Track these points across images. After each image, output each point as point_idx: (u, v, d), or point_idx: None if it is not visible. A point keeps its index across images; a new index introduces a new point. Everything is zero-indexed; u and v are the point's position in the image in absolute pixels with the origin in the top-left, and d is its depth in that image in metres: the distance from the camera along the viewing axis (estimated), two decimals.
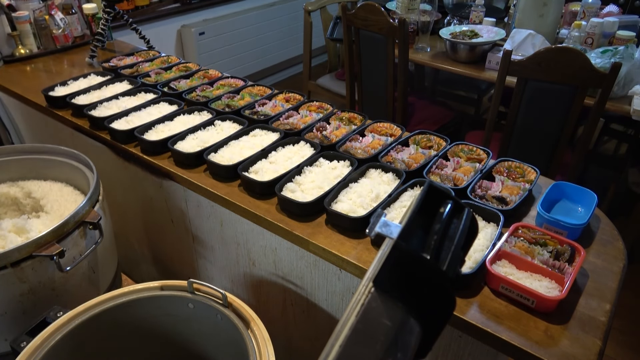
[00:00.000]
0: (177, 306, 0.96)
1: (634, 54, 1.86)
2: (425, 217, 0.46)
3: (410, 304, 0.41)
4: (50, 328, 0.86)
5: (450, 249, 0.42)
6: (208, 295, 0.94)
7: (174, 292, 0.95)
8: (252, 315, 0.89)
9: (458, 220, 0.46)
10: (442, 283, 0.41)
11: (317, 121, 1.40)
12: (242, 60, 3.89)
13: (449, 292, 0.41)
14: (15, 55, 2.00)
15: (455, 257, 0.42)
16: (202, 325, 0.97)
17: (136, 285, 0.96)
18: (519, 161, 1.20)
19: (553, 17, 2.26)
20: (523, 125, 1.92)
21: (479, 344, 0.88)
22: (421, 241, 0.43)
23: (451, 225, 0.45)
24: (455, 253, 0.42)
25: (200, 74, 1.75)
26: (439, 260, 0.41)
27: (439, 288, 0.41)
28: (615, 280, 0.92)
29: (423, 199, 0.46)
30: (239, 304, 0.91)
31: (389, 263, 0.41)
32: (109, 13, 1.95)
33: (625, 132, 2.86)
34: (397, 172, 1.17)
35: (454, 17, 2.66)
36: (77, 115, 1.52)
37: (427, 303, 0.42)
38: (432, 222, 0.45)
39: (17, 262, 0.94)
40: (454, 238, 0.44)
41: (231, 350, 0.92)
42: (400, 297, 0.41)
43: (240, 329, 0.87)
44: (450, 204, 0.46)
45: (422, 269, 0.41)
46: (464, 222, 0.46)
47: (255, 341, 0.85)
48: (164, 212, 1.46)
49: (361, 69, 2.45)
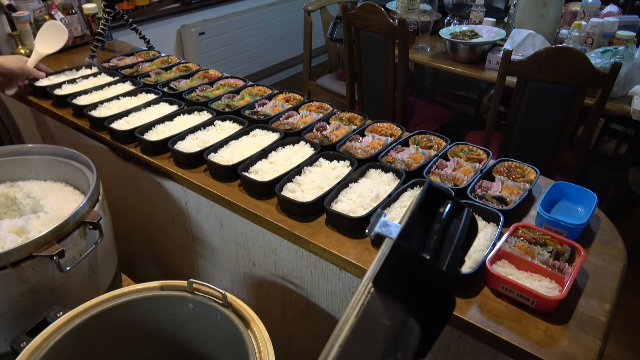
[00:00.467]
0: (177, 306, 0.96)
1: (634, 54, 1.86)
2: (425, 217, 0.46)
3: (410, 304, 0.41)
4: (50, 328, 0.86)
5: (450, 249, 0.42)
6: (208, 295, 0.94)
7: (174, 292, 0.95)
8: (252, 315, 0.89)
9: (458, 220, 0.46)
10: (441, 283, 0.41)
11: (317, 121, 1.40)
12: (242, 60, 3.89)
13: (449, 292, 0.41)
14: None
15: (455, 257, 0.42)
16: (202, 325, 0.97)
17: (136, 285, 0.96)
18: (519, 161, 1.20)
19: (553, 17, 2.26)
20: (523, 125, 1.92)
21: (479, 344, 0.88)
22: (421, 241, 0.43)
23: (451, 225, 0.45)
24: (455, 253, 0.42)
25: (200, 74, 1.75)
26: (439, 260, 0.41)
27: (439, 288, 0.41)
28: (615, 280, 0.92)
29: (423, 199, 0.46)
30: (239, 304, 0.91)
31: (388, 263, 0.41)
32: (109, 13, 1.95)
33: (625, 132, 2.86)
34: (397, 172, 1.17)
35: (454, 17, 2.66)
36: (78, 115, 1.52)
37: (427, 303, 0.42)
38: (432, 222, 0.45)
39: (17, 262, 0.94)
40: (453, 238, 0.44)
41: (231, 350, 0.92)
42: (400, 297, 0.41)
43: (240, 329, 0.87)
44: (450, 204, 0.46)
45: (421, 269, 0.41)
46: (464, 222, 0.46)
47: (255, 341, 0.85)
48: (164, 212, 1.46)
49: (361, 69, 2.45)
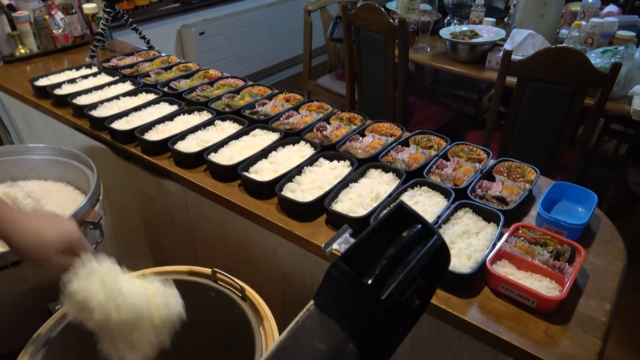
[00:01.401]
0: (201, 293, 0.98)
1: (634, 54, 1.86)
2: (389, 241, 0.41)
3: (348, 329, 0.38)
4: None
5: (398, 276, 0.38)
6: (228, 286, 0.97)
7: (200, 278, 0.98)
8: (267, 311, 0.91)
9: (422, 247, 0.41)
10: (377, 312, 0.37)
11: (317, 121, 1.40)
12: (242, 60, 3.89)
13: (387, 322, 0.37)
14: (16, 55, 2.00)
15: (403, 285, 0.37)
16: (220, 315, 0.99)
17: (166, 267, 0.99)
18: (519, 161, 1.20)
19: (553, 17, 2.26)
20: (523, 125, 1.92)
21: (479, 344, 0.88)
22: (370, 264, 0.38)
23: (412, 251, 0.41)
24: (403, 281, 0.38)
25: (200, 73, 1.75)
26: (383, 286, 0.37)
27: (375, 316, 0.37)
28: (616, 280, 0.92)
29: (386, 220, 0.42)
30: (256, 299, 0.94)
31: (327, 282, 0.39)
32: (109, 13, 1.95)
33: (625, 132, 2.86)
34: (397, 172, 1.17)
35: (454, 17, 2.65)
36: (78, 115, 1.52)
37: (367, 331, 0.38)
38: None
39: (18, 261, 0.94)
40: (408, 265, 0.39)
41: (240, 340, 0.93)
42: (338, 320, 0.38)
43: (253, 325, 0.89)
44: (417, 229, 0.42)
45: (358, 293, 0.37)
46: (427, 249, 0.41)
47: (264, 338, 0.86)
48: (164, 212, 1.46)
49: (361, 69, 2.45)
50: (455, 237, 0.98)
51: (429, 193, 1.11)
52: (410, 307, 0.39)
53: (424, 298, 0.42)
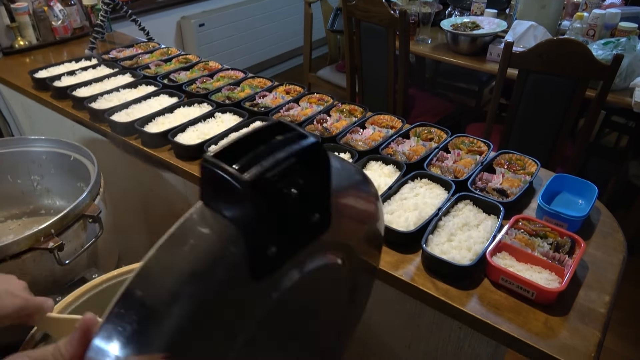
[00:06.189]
0: None
1: (636, 46, 1.85)
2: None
3: (229, 216, 0.41)
4: (85, 286, 0.88)
5: (266, 164, 0.40)
6: None
7: None
8: None
9: (296, 145, 0.43)
10: (245, 192, 0.39)
11: (317, 113, 1.39)
12: (242, 52, 3.87)
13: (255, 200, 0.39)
14: (15, 47, 1.99)
15: (268, 169, 0.40)
16: None
17: None
18: (519, 153, 1.20)
19: (555, 9, 2.24)
20: (524, 118, 1.91)
21: (478, 336, 0.89)
22: (240, 157, 0.41)
23: (285, 148, 0.43)
24: (268, 165, 0.40)
25: (200, 65, 1.74)
26: (249, 170, 0.40)
27: (243, 195, 0.40)
28: (615, 272, 0.92)
29: (263, 130, 0.44)
30: None
31: (203, 177, 0.42)
32: (108, 4, 1.93)
33: (626, 124, 2.86)
34: (397, 164, 1.16)
35: (455, 8, 2.64)
36: (78, 107, 1.52)
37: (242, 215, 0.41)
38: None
39: (18, 254, 0.94)
40: (276, 156, 0.41)
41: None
42: (218, 209, 0.42)
43: None
44: (293, 133, 0.44)
45: (227, 179, 0.40)
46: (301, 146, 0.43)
47: None
48: (165, 205, 1.46)
49: (362, 61, 2.44)
50: (456, 229, 0.98)
51: (429, 185, 1.11)
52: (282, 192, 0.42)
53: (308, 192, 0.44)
